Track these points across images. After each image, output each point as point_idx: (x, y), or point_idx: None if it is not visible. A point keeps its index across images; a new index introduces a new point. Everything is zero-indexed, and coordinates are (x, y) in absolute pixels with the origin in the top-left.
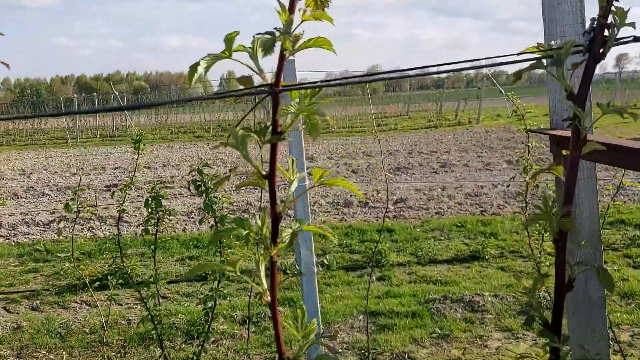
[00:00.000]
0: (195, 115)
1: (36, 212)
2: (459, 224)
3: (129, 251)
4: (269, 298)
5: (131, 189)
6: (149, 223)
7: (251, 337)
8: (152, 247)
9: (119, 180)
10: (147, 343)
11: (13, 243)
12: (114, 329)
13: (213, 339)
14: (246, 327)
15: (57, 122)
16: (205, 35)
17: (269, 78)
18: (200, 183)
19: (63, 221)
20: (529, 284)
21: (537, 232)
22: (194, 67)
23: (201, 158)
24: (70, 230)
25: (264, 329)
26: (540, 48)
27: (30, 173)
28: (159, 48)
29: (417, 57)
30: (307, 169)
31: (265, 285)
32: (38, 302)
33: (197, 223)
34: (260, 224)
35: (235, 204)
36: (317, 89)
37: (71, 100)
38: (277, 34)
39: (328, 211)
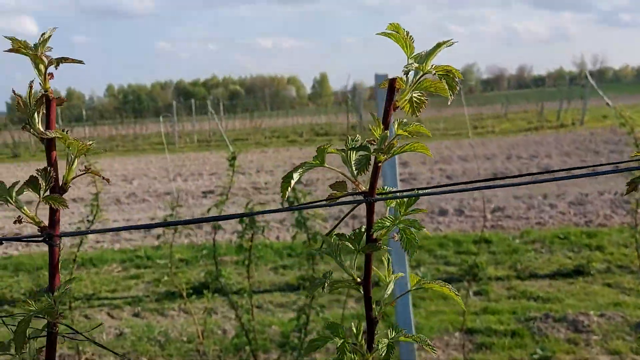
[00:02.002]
0: (288, 119)
1: (137, 218)
2: (562, 236)
3: (224, 258)
4: None
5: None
6: (243, 239)
7: None
8: (246, 262)
9: (216, 187)
10: (242, 355)
11: (116, 249)
12: (210, 338)
13: None
14: None
15: (157, 127)
16: (297, 35)
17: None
18: (293, 200)
19: (162, 236)
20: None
21: None
22: (287, 180)
23: (294, 163)
24: (168, 237)
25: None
26: None
27: (132, 179)
28: (252, 50)
29: (517, 52)
30: (400, 175)
31: None
32: (139, 308)
33: (290, 230)
34: (355, 332)
35: (327, 209)
36: (413, 199)
37: (170, 106)
38: (371, 148)
39: (422, 220)
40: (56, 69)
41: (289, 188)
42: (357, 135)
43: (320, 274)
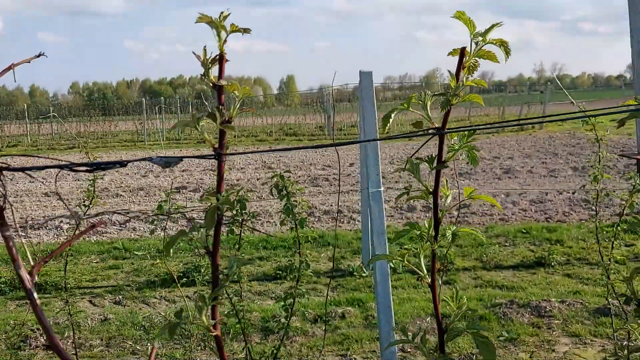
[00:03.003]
0: (257, 119)
1: (112, 212)
2: (524, 230)
3: (201, 250)
4: (430, 280)
5: (199, 191)
6: (234, 225)
7: (322, 335)
8: (237, 246)
9: (187, 182)
10: (225, 337)
11: (93, 241)
12: (192, 323)
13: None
14: (317, 325)
15: (125, 125)
16: (270, 39)
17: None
18: (282, 188)
19: (156, 221)
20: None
21: (606, 240)
22: (387, 118)
23: (264, 161)
24: (161, 230)
25: (335, 327)
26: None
27: (104, 174)
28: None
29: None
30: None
31: (425, 271)
32: (120, 296)
33: (265, 225)
34: (427, 227)
35: (310, 200)
36: (473, 131)
37: (140, 104)
38: (448, 94)
39: (392, 215)
40: (242, 34)
41: (388, 124)
42: (438, 86)
43: (306, 257)
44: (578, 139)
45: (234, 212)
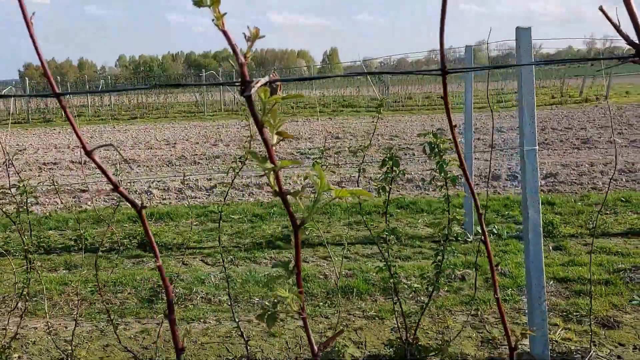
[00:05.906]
0: (313, 91)
1: (195, 179)
2: (623, 199)
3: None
4: None
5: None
6: (385, 182)
7: (447, 295)
8: (385, 204)
9: (259, 151)
10: (348, 296)
11: (186, 205)
12: (314, 281)
13: (411, 294)
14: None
15: (185, 96)
16: (312, 12)
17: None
18: (434, 146)
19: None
20: None
21: None
22: None
23: (330, 132)
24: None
25: (457, 288)
26: None
27: (175, 143)
28: (264, 26)
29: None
30: (534, 132)
31: None
32: (232, 256)
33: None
34: None
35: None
36: None
37: (185, 77)
38: None
39: (477, 184)
40: None
41: None
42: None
43: (455, 215)
44: None
45: (386, 169)
